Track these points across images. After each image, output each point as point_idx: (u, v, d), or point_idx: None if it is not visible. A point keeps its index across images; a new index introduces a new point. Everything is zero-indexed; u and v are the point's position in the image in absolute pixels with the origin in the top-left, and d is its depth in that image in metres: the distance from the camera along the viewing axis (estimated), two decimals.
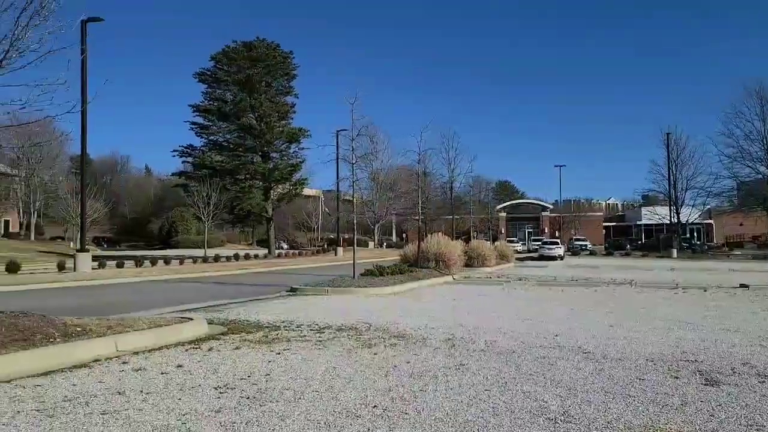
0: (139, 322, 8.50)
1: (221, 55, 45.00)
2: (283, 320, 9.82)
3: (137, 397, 4.89)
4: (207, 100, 46.31)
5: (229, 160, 45.45)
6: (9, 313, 7.33)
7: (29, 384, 5.35)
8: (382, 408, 4.57)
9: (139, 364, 6.28)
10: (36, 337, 6.85)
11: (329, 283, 16.98)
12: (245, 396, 4.92)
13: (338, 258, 44.63)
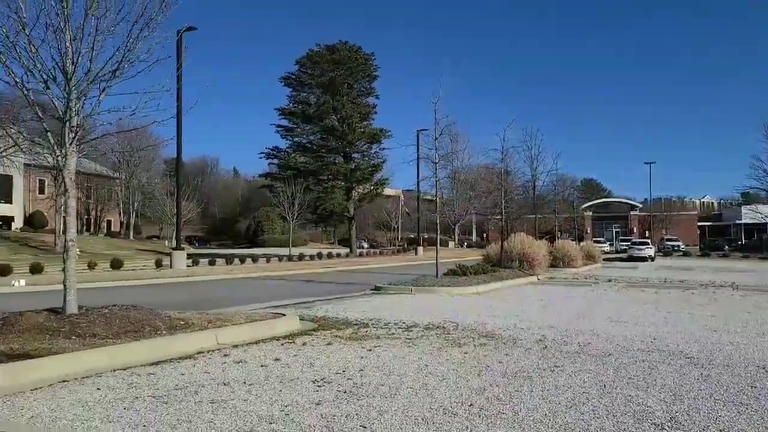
0: (236, 317, 8.89)
1: (305, 59, 46.20)
2: (370, 318, 9.97)
3: (241, 388, 5.13)
4: (292, 103, 47.70)
5: (313, 161, 46.59)
6: (121, 306, 7.86)
7: (143, 372, 5.73)
8: (478, 407, 4.56)
9: (240, 356, 6.57)
10: (145, 329, 7.32)
11: (413, 282, 17.05)
12: (342, 390, 5.04)
13: (418, 257, 44.70)
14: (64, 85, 7.07)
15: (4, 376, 5.24)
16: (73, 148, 7.38)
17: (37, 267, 24.36)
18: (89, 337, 6.78)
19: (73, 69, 6.88)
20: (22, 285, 17.85)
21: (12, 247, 44.29)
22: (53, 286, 18.49)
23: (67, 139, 7.28)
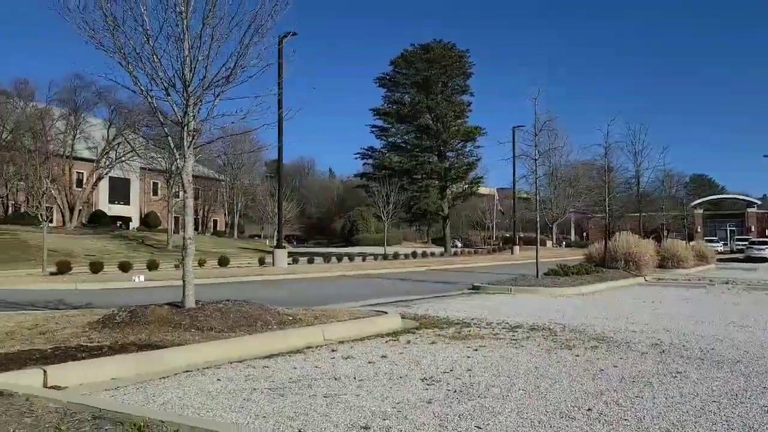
0: (340, 314, 9.07)
1: (400, 59, 46.55)
2: (471, 317, 9.85)
3: (352, 383, 5.21)
4: (386, 103, 48.22)
5: (407, 160, 46.84)
6: (234, 301, 8.24)
7: (258, 365, 5.96)
8: (597, 412, 4.37)
9: (347, 352, 6.68)
10: (257, 324, 7.62)
11: (512, 282, 16.70)
12: (452, 389, 5.00)
13: (515, 257, 43.80)
14: (182, 91, 7.49)
15: (137, 365, 5.63)
16: (190, 151, 7.80)
17: (154, 264, 26.10)
18: (207, 330, 7.15)
19: (191, 76, 7.29)
20: (142, 280, 19.17)
21: (130, 245, 47.77)
22: (168, 282, 19.76)
23: (185, 143, 7.71)
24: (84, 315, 8.66)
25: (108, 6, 6.77)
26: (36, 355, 5.68)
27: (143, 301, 11.93)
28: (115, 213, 58.97)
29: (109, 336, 6.81)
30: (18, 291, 16.76)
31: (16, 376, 4.84)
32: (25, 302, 12.54)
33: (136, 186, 61.09)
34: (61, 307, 11.43)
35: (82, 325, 7.61)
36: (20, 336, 6.93)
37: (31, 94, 45.68)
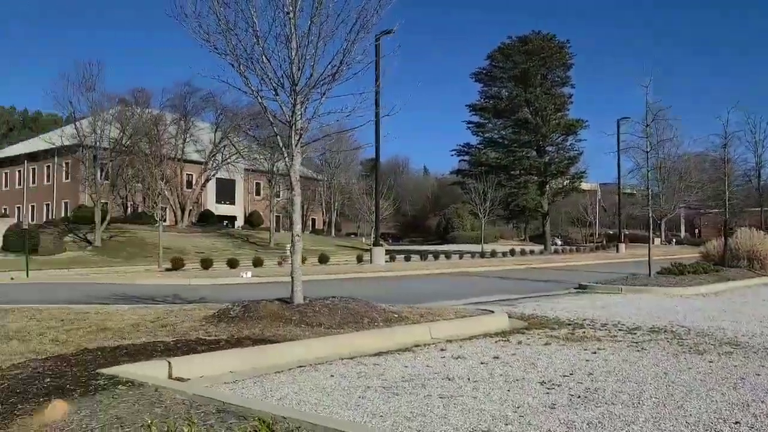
0: (445, 312, 8.91)
1: (497, 53, 45.73)
2: (583, 318, 9.37)
3: (467, 384, 5.03)
4: (483, 98, 47.55)
5: (504, 156, 45.92)
6: (340, 298, 8.29)
7: (369, 362, 5.92)
8: (747, 425, 3.93)
9: (456, 352, 6.51)
10: (364, 321, 7.62)
11: (622, 281, 15.82)
12: (575, 394, 4.70)
13: (620, 255, 41.71)
14: (290, 91, 7.61)
15: (252, 359, 5.75)
16: (297, 150, 7.92)
17: (259, 261, 27.13)
18: (316, 326, 7.22)
19: (299, 75, 7.38)
20: (249, 277, 19.93)
21: (236, 243, 50.05)
22: (273, 278, 20.43)
23: (293, 142, 7.84)
24: (200, 309, 9.04)
25: (221, 10, 7.00)
26: (160, 347, 5.95)
27: (252, 296, 12.34)
28: (222, 212, 62.03)
29: (225, 330, 7.04)
30: (138, 286, 17.93)
31: (144, 366, 5.06)
32: (145, 296, 13.36)
33: (241, 186, 63.95)
34: (177, 301, 12.06)
35: (199, 318, 7.93)
36: (144, 328, 7.31)
37: (147, 101, 48.98)
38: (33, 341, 6.76)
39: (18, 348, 6.38)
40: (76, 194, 49.08)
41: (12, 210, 56.21)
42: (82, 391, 4.33)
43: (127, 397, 4.17)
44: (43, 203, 55.57)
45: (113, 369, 4.90)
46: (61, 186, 53.30)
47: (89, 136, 39.65)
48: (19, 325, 7.94)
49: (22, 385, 4.60)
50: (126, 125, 43.12)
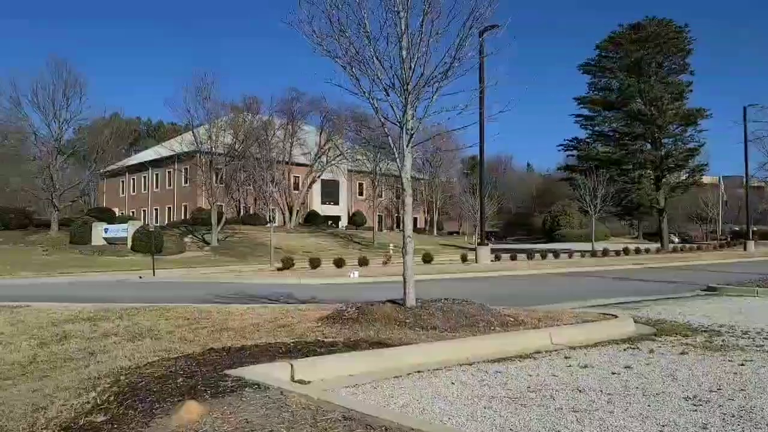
0: (565, 316, 8.47)
1: (606, 42, 43.53)
2: (719, 324, 8.58)
3: (600, 397, 4.68)
4: (592, 90, 45.49)
5: (615, 150, 43.67)
6: (453, 300, 8.10)
7: (489, 369, 5.69)
8: None
9: (582, 360, 6.12)
10: (479, 324, 7.38)
11: (759, 282, 14.42)
12: (728, 413, 4.22)
13: (748, 253, 38.40)
14: (401, 91, 7.52)
15: (369, 362, 5.70)
16: (408, 150, 7.83)
17: (364, 260, 27.47)
18: (430, 329, 7.08)
19: (410, 74, 7.28)
20: (356, 276, 20.19)
21: (340, 242, 51.20)
22: (379, 278, 20.57)
23: (404, 142, 7.75)
24: (313, 310, 9.18)
25: (333, 12, 7.04)
26: (281, 348, 6.04)
27: (360, 296, 12.44)
28: (327, 212, 63.72)
29: (340, 332, 7.06)
30: (253, 285, 18.67)
31: (268, 368, 5.14)
32: (260, 296, 13.84)
33: (345, 187, 65.39)
34: (290, 301, 12.38)
35: (314, 319, 8.04)
36: (264, 329, 7.50)
37: (257, 108, 51.24)
38: (163, 340, 7.12)
39: (151, 346, 6.74)
40: (194, 197, 52.28)
41: (139, 213, 60.84)
42: (212, 392, 4.44)
43: (255, 400, 4.22)
44: (166, 206, 59.67)
45: (239, 370, 5.01)
46: (181, 190, 56.99)
47: (205, 143, 42.07)
48: (151, 323, 8.42)
49: (158, 384, 4.80)
50: (238, 131, 45.34)
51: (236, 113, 48.13)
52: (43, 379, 5.69)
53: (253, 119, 49.40)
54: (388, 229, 68.18)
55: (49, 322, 9.00)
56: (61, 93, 39.86)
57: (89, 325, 8.60)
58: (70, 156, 44.44)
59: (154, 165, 60.27)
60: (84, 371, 5.77)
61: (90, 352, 6.70)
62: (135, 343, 7.07)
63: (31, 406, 4.80)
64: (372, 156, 51.78)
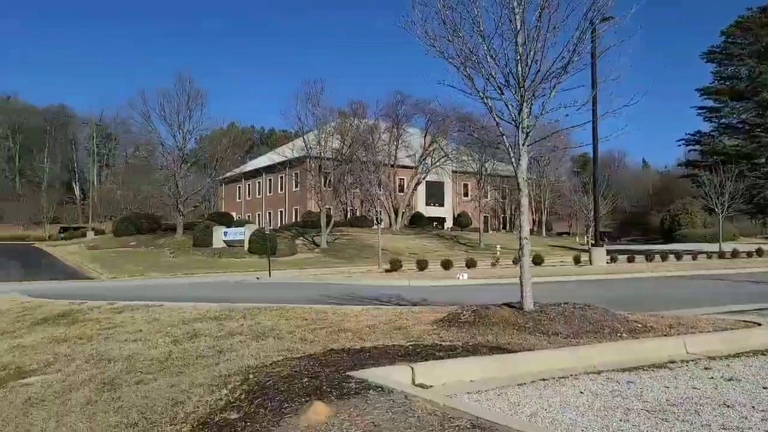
0: (699, 322, 7.85)
1: (733, 28, 40.24)
2: None
3: (752, 414, 4.25)
4: (717, 80, 42.23)
5: (745, 143, 40.27)
6: (574, 305, 7.74)
7: (620, 378, 5.36)
8: None
9: (725, 372, 5.62)
10: (604, 330, 7.00)
11: None
12: None
13: None
14: (516, 88, 7.31)
15: (491, 368, 5.55)
16: (524, 150, 7.59)
17: (472, 262, 27.17)
18: (552, 335, 6.80)
19: (527, 71, 7.05)
20: (465, 278, 19.97)
21: (446, 243, 51.03)
22: (488, 280, 20.24)
23: (519, 141, 7.52)
24: (427, 312, 9.13)
25: (447, 13, 6.96)
26: (400, 351, 6.04)
27: (471, 298, 12.26)
28: (432, 214, 63.75)
29: (457, 335, 6.95)
30: (363, 286, 18.99)
31: (389, 371, 5.14)
32: (371, 297, 14.02)
33: (449, 188, 65.12)
34: (401, 302, 12.42)
35: (429, 322, 7.98)
36: (380, 330, 7.55)
37: (363, 112, 52.32)
38: (285, 339, 7.36)
39: (274, 345, 6.98)
40: (304, 201, 54.21)
41: (253, 217, 64.00)
42: (337, 393, 4.50)
43: (379, 403, 4.23)
44: (278, 210, 62.34)
45: (361, 372, 5.04)
46: (292, 194, 59.31)
47: (314, 148, 43.50)
48: (272, 323, 8.75)
49: (285, 383, 4.94)
50: (345, 136, 46.50)
51: (343, 118, 49.38)
52: (179, 375, 6.06)
53: (359, 124, 50.45)
54: (494, 230, 67.09)
55: (180, 320, 9.61)
56: (185, 106, 42.82)
57: (216, 324, 9.08)
58: (192, 164, 47.60)
59: (267, 171, 63.17)
60: (215, 369, 6.07)
61: (218, 350, 7.06)
62: (259, 342, 7.36)
63: (171, 401, 5.11)
64: (477, 156, 51.17)
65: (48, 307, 12.24)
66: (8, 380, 6.85)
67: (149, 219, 48.95)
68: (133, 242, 43.60)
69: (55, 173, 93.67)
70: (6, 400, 6.08)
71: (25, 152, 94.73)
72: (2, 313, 12.36)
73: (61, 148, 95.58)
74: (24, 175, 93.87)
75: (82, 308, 11.54)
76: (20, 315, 11.81)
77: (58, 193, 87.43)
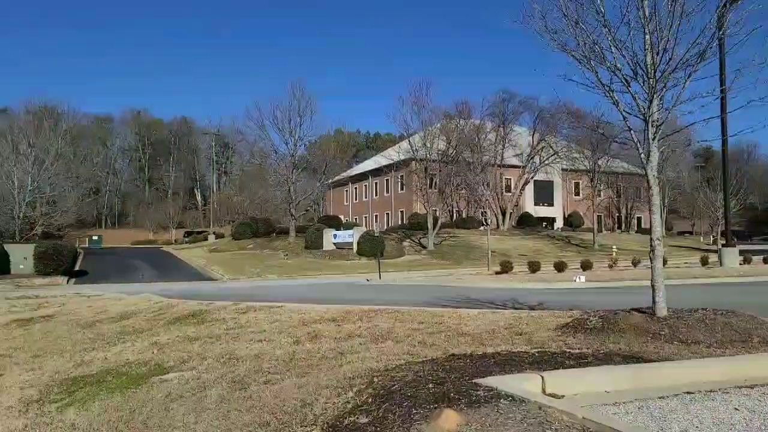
0: None
1: None
2: None
3: None
4: None
5: None
6: (715, 311, 7.13)
7: None
8: None
9: None
10: (753, 340, 6.37)
11: None
12: None
13: None
14: (644, 79, 6.85)
15: (626, 378, 5.20)
16: (655, 145, 7.09)
17: (587, 264, 26.01)
18: (692, 344, 6.28)
19: (657, 60, 6.58)
20: (582, 281, 19.13)
21: (557, 245, 49.31)
22: (607, 283, 19.23)
23: (649, 136, 7.04)
24: (548, 317, 8.78)
25: (568, 5, 6.65)
26: (526, 358, 5.81)
27: (592, 303, 11.68)
28: (540, 214, 61.88)
29: (585, 342, 6.61)
30: (475, 288, 18.69)
31: (517, 379, 4.95)
32: (485, 300, 13.76)
33: (559, 187, 62.89)
34: (517, 306, 12.07)
35: (551, 327, 7.67)
36: (500, 336, 7.34)
37: (469, 112, 51.81)
38: (404, 342, 7.35)
39: (394, 349, 6.99)
40: (410, 203, 54.49)
41: (360, 219, 65.27)
42: (466, 401, 4.38)
43: (512, 413, 4.06)
44: (384, 212, 63.16)
45: (488, 380, 4.89)
46: (398, 196, 59.84)
47: (420, 150, 43.62)
48: (388, 325, 8.79)
49: (410, 388, 4.89)
50: (451, 137, 46.25)
51: (448, 119, 49.15)
52: (304, 375, 6.21)
53: (465, 124, 50.00)
54: (607, 230, 64.01)
55: (300, 321, 9.91)
56: (297, 113, 44.51)
57: (334, 325, 9.26)
58: (303, 170, 49.35)
59: (373, 174, 64.22)
60: (338, 370, 6.16)
61: (340, 352, 7.17)
62: (378, 344, 7.40)
63: (300, 402, 5.23)
64: (590, 153, 49.05)
65: (179, 308, 13.09)
66: (150, 376, 7.34)
67: (264, 223, 51.33)
68: (251, 245, 45.86)
69: (180, 181, 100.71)
70: (149, 395, 6.51)
71: (153, 162, 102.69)
72: (140, 313, 13.36)
73: (184, 158, 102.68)
74: (152, 183, 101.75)
75: (209, 309, 12.22)
76: (156, 314, 12.70)
77: (182, 199, 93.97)
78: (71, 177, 56.41)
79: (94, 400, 6.87)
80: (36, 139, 46.32)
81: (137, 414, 5.98)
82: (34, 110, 60.79)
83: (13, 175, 42.97)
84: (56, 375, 8.49)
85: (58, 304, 17.27)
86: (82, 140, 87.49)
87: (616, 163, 54.60)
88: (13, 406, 7.32)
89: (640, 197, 65.29)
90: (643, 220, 68.21)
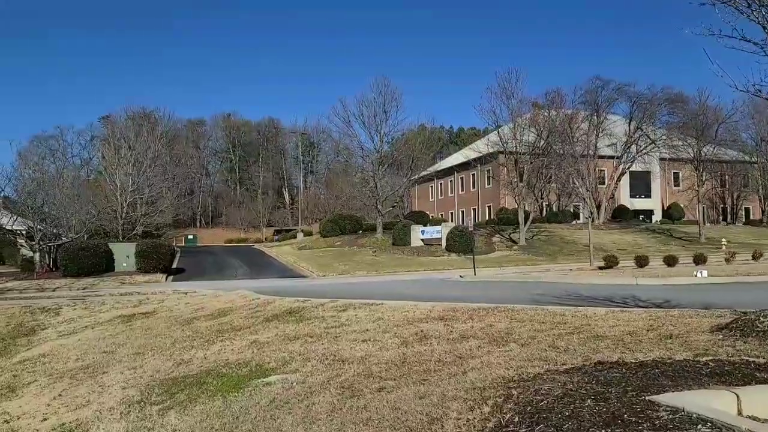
0: None
1: None
2: None
3: None
4: None
5: None
6: None
7: None
8: None
9: None
10: None
11: None
12: None
13: None
14: None
15: None
16: None
17: (701, 257, 23.83)
18: None
19: None
20: (704, 276, 17.32)
21: (658, 238, 46.26)
22: (731, 278, 17.32)
23: None
24: (692, 317, 7.60)
25: None
26: (699, 369, 4.76)
27: (726, 300, 10.26)
28: (637, 207, 58.38)
29: (763, 348, 5.43)
30: (582, 285, 17.33)
31: (704, 397, 3.94)
32: (599, 297, 12.52)
33: (657, 178, 59.05)
34: (640, 304, 10.83)
35: (705, 330, 6.52)
36: (646, 339, 6.29)
37: (560, 101, 49.48)
38: (531, 346, 6.44)
39: (521, 353, 6.10)
40: (497, 197, 52.82)
41: (447, 215, 64.14)
42: (648, 426, 3.44)
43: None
44: (470, 207, 61.71)
45: (666, 397, 3.92)
46: (484, 191, 58.26)
47: (509, 142, 42.03)
48: (505, 326, 7.89)
49: (564, 406, 4.00)
50: (541, 128, 44.31)
51: (538, 109, 47.14)
52: (423, 383, 5.44)
53: (556, 114, 47.79)
54: (711, 222, 59.42)
55: (404, 320, 9.18)
56: (382, 109, 44.02)
57: (443, 324, 8.47)
58: (389, 166, 48.88)
59: (459, 169, 62.88)
60: (462, 378, 5.35)
61: (457, 356, 6.37)
62: (500, 348, 6.54)
63: (426, 416, 4.46)
64: (694, 140, 45.57)
65: (275, 304, 12.73)
66: (252, 378, 6.83)
67: (351, 220, 51.30)
68: (338, 242, 45.89)
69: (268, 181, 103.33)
70: (252, 400, 5.97)
71: (243, 163, 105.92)
72: (236, 310, 13.12)
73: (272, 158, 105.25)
74: (242, 183, 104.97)
75: (306, 306, 11.76)
76: (252, 311, 12.40)
77: (271, 198, 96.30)
78: (168, 178, 58.79)
79: (195, 403, 6.43)
80: (135, 143, 48.43)
81: (241, 422, 5.43)
82: (133, 116, 63.86)
83: (115, 177, 45.13)
84: (156, 374, 8.21)
85: (158, 300, 17.51)
86: (177, 143, 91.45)
87: (722, 150, 50.50)
88: (114, 408, 7.03)
89: (748, 186, 60.29)
90: (752, 210, 62.99)
